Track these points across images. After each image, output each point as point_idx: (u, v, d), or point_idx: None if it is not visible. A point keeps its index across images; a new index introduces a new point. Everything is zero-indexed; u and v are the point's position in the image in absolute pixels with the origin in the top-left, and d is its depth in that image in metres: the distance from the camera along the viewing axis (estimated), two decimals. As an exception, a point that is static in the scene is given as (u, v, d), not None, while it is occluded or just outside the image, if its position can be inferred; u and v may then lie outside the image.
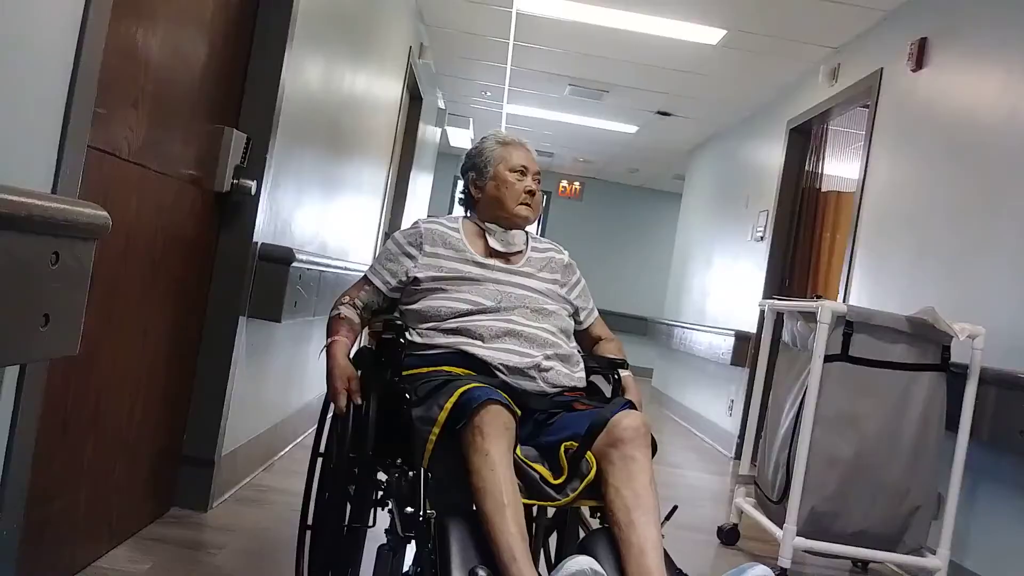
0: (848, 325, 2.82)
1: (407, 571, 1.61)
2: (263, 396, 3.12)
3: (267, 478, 3.13)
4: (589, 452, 1.65)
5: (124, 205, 1.89)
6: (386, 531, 1.68)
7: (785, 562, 2.78)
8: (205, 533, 2.45)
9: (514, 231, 2.04)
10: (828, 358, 2.81)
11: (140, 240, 2.03)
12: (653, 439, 1.69)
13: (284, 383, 3.42)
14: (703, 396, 6.49)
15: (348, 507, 1.82)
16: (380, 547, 1.65)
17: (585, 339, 2.10)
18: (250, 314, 2.66)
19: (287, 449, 3.55)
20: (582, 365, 1.96)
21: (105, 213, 1.34)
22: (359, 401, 1.79)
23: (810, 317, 2.92)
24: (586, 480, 1.62)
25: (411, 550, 1.60)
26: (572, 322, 2.05)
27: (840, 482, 2.81)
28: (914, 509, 2.82)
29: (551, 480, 1.62)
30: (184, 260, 2.34)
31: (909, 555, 2.84)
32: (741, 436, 5.27)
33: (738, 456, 5.20)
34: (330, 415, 1.92)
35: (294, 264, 2.74)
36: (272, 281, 2.67)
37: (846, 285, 4.16)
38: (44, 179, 1.36)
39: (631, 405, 1.76)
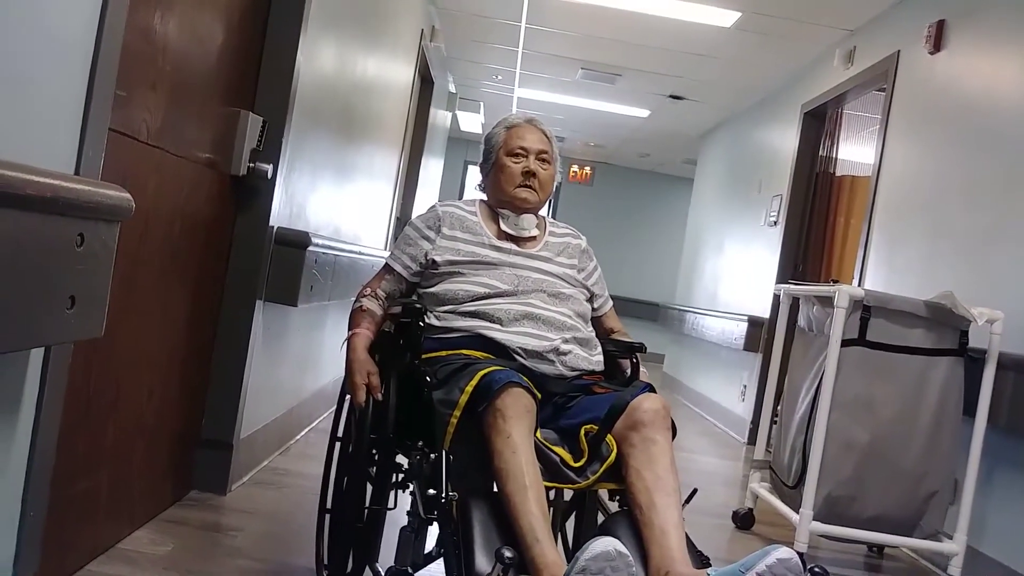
0: (865, 310, 2.80)
1: (429, 552, 1.62)
2: (279, 380, 3.13)
3: (284, 461, 3.14)
4: (609, 435, 1.66)
5: (143, 188, 1.89)
6: (408, 513, 1.69)
7: (801, 547, 2.78)
8: (224, 516, 2.47)
9: (525, 215, 2.03)
10: (845, 343, 2.80)
11: (159, 223, 2.03)
12: (673, 422, 1.69)
13: (300, 367, 3.43)
14: (715, 382, 6.48)
15: (368, 490, 1.83)
16: (402, 529, 1.66)
17: (597, 329, 2.09)
18: (266, 298, 2.66)
19: (303, 433, 3.57)
20: (600, 349, 1.96)
21: (128, 195, 1.34)
22: (379, 397, 1.80)
23: (827, 302, 2.91)
24: (606, 463, 1.63)
25: (433, 532, 1.61)
26: (589, 307, 2.05)
27: (856, 467, 2.80)
28: (931, 494, 2.81)
29: (571, 463, 1.63)
30: (202, 244, 2.34)
31: (926, 540, 2.83)
32: (754, 421, 5.27)
33: (751, 441, 5.20)
34: (347, 403, 1.92)
35: (310, 248, 2.73)
36: (288, 265, 2.67)
37: (861, 270, 4.14)
38: (67, 161, 1.35)
39: (651, 388, 1.76)
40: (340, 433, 1.98)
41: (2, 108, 1.16)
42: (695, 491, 1.68)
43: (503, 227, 2.02)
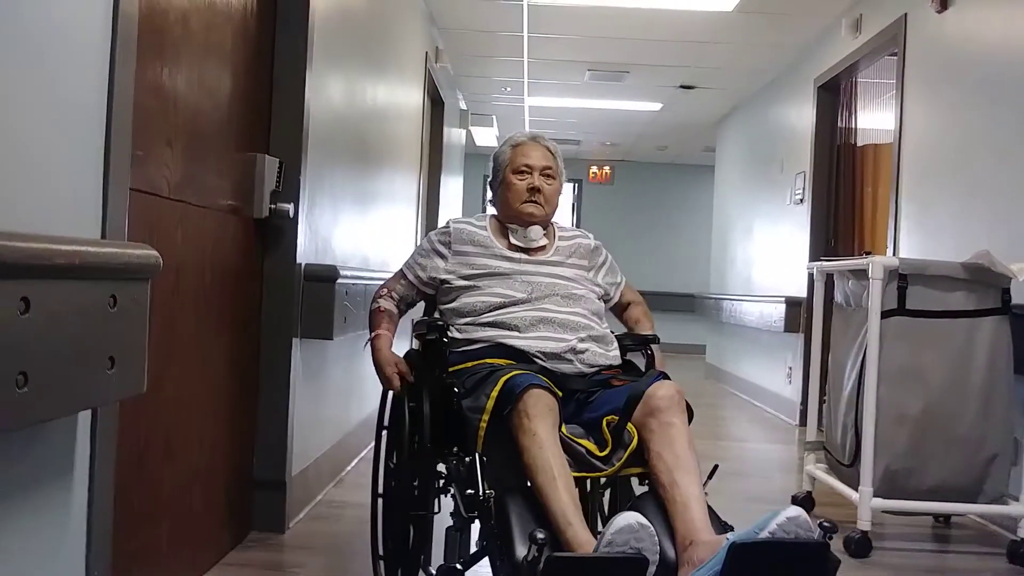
0: (902, 278, 2.77)
1: (476, 551, 1.76)
2: (325, 413, 3.16)
3: (338, 493, 3.17)
4: (629, 423, 1.78)
5: (170, 242, 1.93)
6: (451, 514, 1.82)
7: (865, 524, 2.73)
8: (285, 553, 2.50)
9: (532, 227, 2.15)
10: (885, 314, 2.76)
11: (189, 274, 2.07)
12: (689, 405, 1.81)
13: (343, 398, 3.46)
14: (760, 366, 6.42)
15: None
16: (448, 529, 1.79)
17: (616, 309, 2.27)
18: (302, 335, 2.69)
19: (353, 463, 3.60)
20: (616, 344, 2.08)
21: (155, 252, 1.36)
22: (411, 379, 1.97)
23: (861, 275, 2.87)
24: (629, 449, 1.75)
25: (476, 528, 1.73)
26: (602, 304, 2.18)
27: (911, 438, 2.76)
28: (991, 457, 2.76)
29: (597, 453, 1.75)
30: (233, 289, 2.38)
31: (991, 504, 2.78)
32: (804, 403, 5.20)
33: (803, 423, 5.13)
34: (387, 420, 2.09)
35: (339, 281, 2.77)
36: (320, 300, 2.70)
37: (894, 238, 4.08)
38: (92, 226, 1.39)
39: (664, 376, 1.88)
40: (383, 480, 2.13)
41: (23, 182, 1.19)
42: (716, 467, 1.79)
43: (512, 240, 2.15)
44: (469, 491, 1.66)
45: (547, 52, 6.19)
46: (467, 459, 1.72)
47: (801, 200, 5.57)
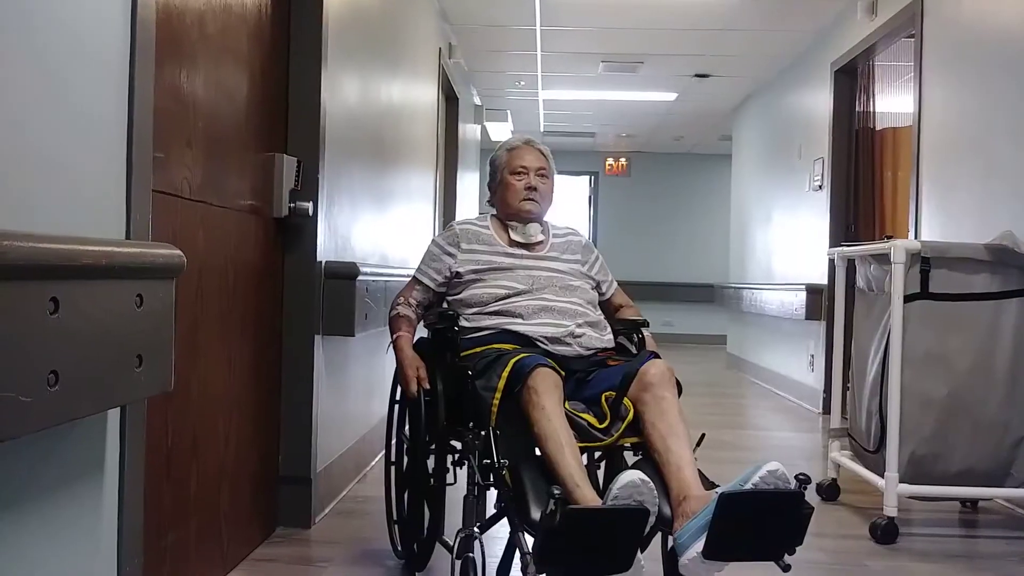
0: (924, 261, 2.75)
1: (492, 515, 1.91)
2: (348, 409, 3.18)
3: (362, 488, 3.19)
4: (626, 398, 1.94)
5: (192, 242, 1.95)
6: (468, 484, 1.95)
7: (891, 511, 2.72)
8: (312, 548, 2.52)
9: (531, 224, 2.34)
10: (908, 298, 2.75)
11: (212, 274, 2.09)
12: (678, 380, 1.98)
13: (366, 394, 3.49)
14: (782, 355, 6.39)
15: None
16: (465, 496, 1.93)
17: (607, 308, 2.40)
18: (324, 332, 2.71)
19: (377, 458, 3.62)
20: (609, 329, 2.25)
21: (179, 252, 1.38)
22: (427, 386, 2.13)
23: (883, 259, 2.85)
24: (626, 421, 1.92)
25: (491, 496, 1.91)
26: (596, 294, 2.35)
27: (937, 423, 2.74)
28: (1018, 441, 2.74)
29: (597, 425, 1.92)
30: (255, 287, 2.41)
31: (1018, 488, 2.76)
32: (827, 390, 5.17)
33: (826, 411, 5.10)
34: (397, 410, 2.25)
35: (359, 278, 2.79)
36: (341, 297, 2.73)
37: (915, 221, 4.04)
38: (117, 227, 1.41)
39: (655, 355, 2.05)
40: (399, 426, 2.31)
41: (50, 186, 1.21)
42: (703, 436, 1.95)
43: (513, 236, 2.32)
44: (486, 460, 1.83)
45: (560, 45, 6.18)
46: (482, 433, 1.88)
47: (820, 186, 5.53)
